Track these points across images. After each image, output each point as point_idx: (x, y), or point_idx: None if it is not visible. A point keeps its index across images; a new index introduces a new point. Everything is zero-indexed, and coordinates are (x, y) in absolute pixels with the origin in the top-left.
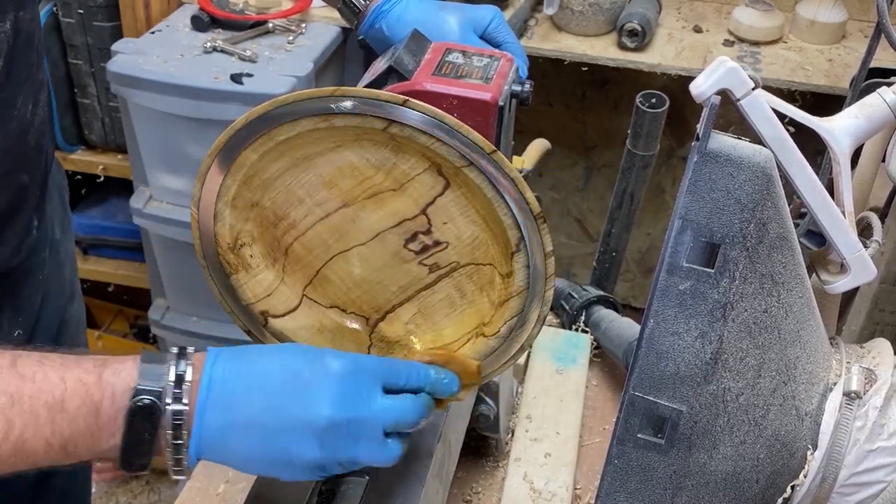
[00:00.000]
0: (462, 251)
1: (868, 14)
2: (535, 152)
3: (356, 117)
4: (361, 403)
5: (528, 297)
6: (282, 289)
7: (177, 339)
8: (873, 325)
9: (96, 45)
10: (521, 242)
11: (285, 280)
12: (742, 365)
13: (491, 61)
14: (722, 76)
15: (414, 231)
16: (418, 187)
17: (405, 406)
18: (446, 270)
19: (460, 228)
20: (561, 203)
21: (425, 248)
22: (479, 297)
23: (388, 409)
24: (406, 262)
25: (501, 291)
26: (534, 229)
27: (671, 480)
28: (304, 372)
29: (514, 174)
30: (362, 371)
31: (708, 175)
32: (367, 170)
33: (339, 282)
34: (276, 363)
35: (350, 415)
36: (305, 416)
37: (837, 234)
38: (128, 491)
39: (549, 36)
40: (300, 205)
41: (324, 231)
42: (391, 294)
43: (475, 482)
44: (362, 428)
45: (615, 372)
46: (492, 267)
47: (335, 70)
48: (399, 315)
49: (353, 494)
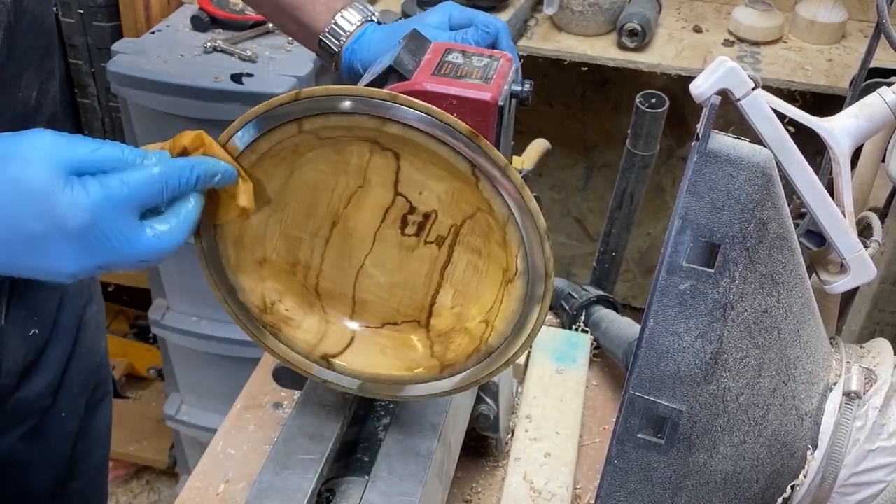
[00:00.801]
0: (450, 210)
1: (868, 14)
2: (535, 152)
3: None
4: (111, 252)
5: (515, 224)
6: (330, 328)
7: (177, 338)
8: (873, 325)
9: (96, 45)
10: (474, 169)
11: (329, 319)
12: (742, 365)
13: (491, 61)
14: (722, 76)
15: (401, 215)
16: (377, 171)
17: (164, 238)
18: (451, 238)
19: (434, 189)
20: (561, 203)
21: (420, 225)
22: (490, 246)
23: (146, 247)
24: (414, 249)
25: (497, 230)
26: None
27: (671, 480)
28: (36, 226)
29: (437, 112)
30: (105, 215)
31: (708, 175)
32: (328, 180)
33: (374, 297)
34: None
35: (97, 263)
36: (46, 267)
37: (837, 234)
38: (128, 491)
39: (549, 36)
40: (301, 244)
41: (334, 257)
42: (422, 287)
43: (475, 482)
44: (120, 263)
45: (615, 372)
46: (480, 211)
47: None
48: (441, 304)
49: (353, 494)
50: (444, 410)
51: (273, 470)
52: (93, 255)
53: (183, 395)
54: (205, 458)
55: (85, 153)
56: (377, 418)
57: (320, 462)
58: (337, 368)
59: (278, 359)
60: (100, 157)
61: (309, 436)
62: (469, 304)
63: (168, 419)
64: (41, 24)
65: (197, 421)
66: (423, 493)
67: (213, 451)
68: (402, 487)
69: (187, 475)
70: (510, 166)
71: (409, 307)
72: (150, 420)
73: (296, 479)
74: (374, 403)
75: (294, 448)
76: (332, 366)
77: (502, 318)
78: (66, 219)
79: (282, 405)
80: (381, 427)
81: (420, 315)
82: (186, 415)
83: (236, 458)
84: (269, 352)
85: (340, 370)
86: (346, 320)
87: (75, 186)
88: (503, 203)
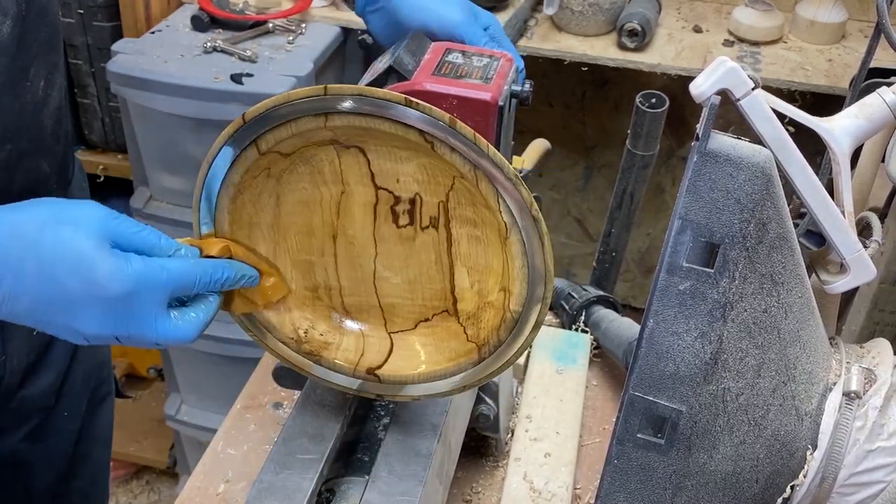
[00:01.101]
0: (431, 189)
1: (868, 14)
2: (535, 152)
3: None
4: (135, 326)
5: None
6: (369, 342)
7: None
8: (873, 325)
9: (96, 45)
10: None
11: (365, 332)
12: (742, 365)
13: (491, 61)
14: (722, 76)
15: (390, 208)
16: (351, 172)
17: (183, 328)
18: (443, 216)
19: (408, 173)
20: (561, 203)
21: (410, 213)
22: (480, 212)
23: (166, 332)
24: (415, 239)
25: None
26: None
27: (671, 480)
28: (74, 286)
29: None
30: (142, 292)
31: (708, 175)
32: (312, 194)
33: (398, 300)
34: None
35: (117, 333)
36: (70, 326)
37: (837, 234)
38: (128, 491)
39: (549, 36)
40: (313, 266)
41: (347, 270)
42: (437, 275)
43: (475, 482)
44: (136, 339)
45: (615, 372)
46: (456, 178)
47: (335, 70)
48: (461, 286)
49: (353, 494)
50: (444, 410)
51: (273, 470)
52: (117, 325)
53: (183, 395)
54: (205, 458)
55: (129, 232)
56: (377, 418)
57: (320, 462)
58: (385, 380)
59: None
60: (140, 238)
61: (309, 436)
62: (485, 277)
63: (168, 419)
64: (47, 15)
65: (197, 421)
66: (423, 493)
67: (213, 451)
68: (402, 487)
69: (187, 475)
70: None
71: (432, 299)
72: (150, 420)
73: (296, 479)
74: (374, 403)
75: (294, 448)
76: (380, 378)
77: (514, 279)
78: (105, 287)
79: (282, 405)
80: (381, 427)
81: (446, 304)
82: (186, 415)
83: (236, 458)
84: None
85: (388, 381)
86: (381, 330)
87: (119, 258)
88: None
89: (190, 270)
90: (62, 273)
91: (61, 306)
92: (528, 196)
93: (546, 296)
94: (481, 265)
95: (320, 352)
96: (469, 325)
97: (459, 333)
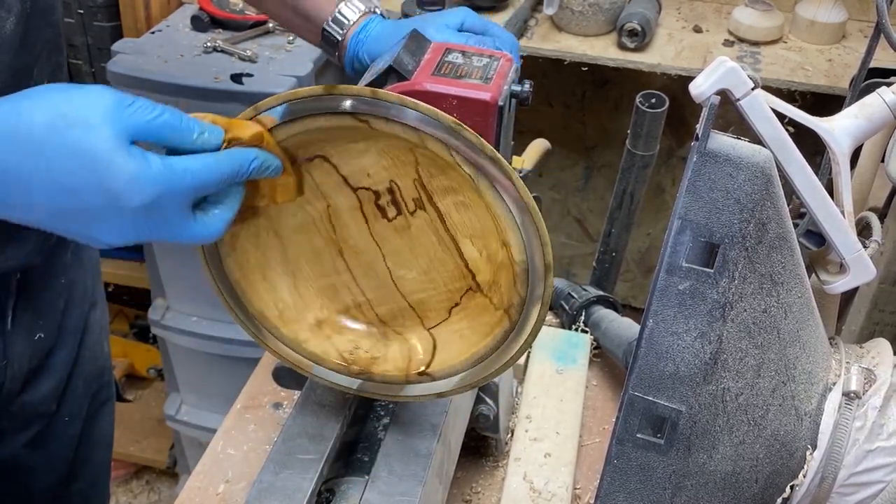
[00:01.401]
0: (401, 172)
1: (868, 14)
2: (535, 152)
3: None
4: (157, 232)
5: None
6: (413, 345)
7: (177, 338)
8: (873, 325)
9: (96, 45)
10: (370, 120)
11: (408, 336)
12: (741, 365)
13: (491, 61)
14: (722, 76)
15: (374, 205)
16: (325, 181)
17: (209, 225)
18: (423, 194)
19: (372, 164)
20: (561, 203)
21: (394, 202)
22: (452, 175)
23: (192, 233)
24: (409, 226)
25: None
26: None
27: (670, 480)
28: (90, 199)
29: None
30: (164, 199)
31: (707, 175)
32: (303, 216)
33: (424, 294)
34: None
35: (140, 238)
36: (88, 235)
37: (837, 234)
38: (128, 491)
39: (549, 36)
40: (336, 288)
41: (366, 281)
42: (445, 255)
43: (475, 482)
44: (160, 240)
45: (615, 372)
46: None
47: (335, 70)
48: (472, 258)
49: (353, 494)
50: (444, 410)
51: (273, 470)
52: (139, 232)
53: (183, 395)
54: (205, 458)
55: (145, 120)
56: (377, 418)
57: (320, 462)
58: (437, 377)
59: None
60: (158, 126)
61: (309, 436)
62: (487, 240)
63: (168, 419)
64: (52, 14)
65: (197, 421)
66: (423, 493)
67: (213, 451)
68: (402, 487)
69: (187, 475)
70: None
71: (453, 281)
72: (150, 420)
73: (296, 479)
74: (374, 403)
75: (294, 448)
76: (433, 376)
77: (505, 228)
78: (126, 197)
79: (282, 405)
80: (381, 427)
81: (467, 281)
82: (186, 415)
83: (236, 458)
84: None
85: (440, 376)
86: (421, 329)
87: (137, 161)
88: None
89: (216, 169)
90: (76, 185)
91: (78, 218)
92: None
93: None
94: (479, 229)
95: (370, 368)
96: (493, 293)
97: (487, 305)
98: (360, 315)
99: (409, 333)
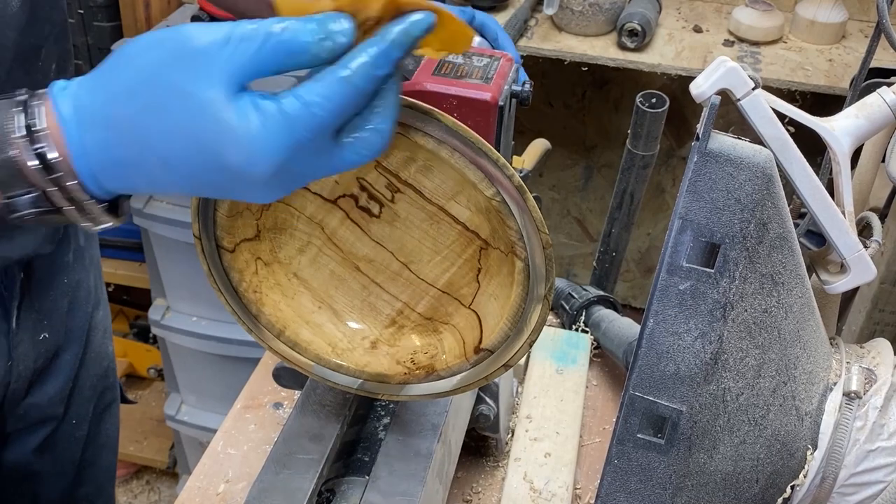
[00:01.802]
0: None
1: (868, 14)
2: (535, 152)
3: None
4: (308, 177)
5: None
6: (462, 328)
7: (177, 338)
8: (873, 325)
9: (96, 45)
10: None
11: (455, 322)
12: (742, 365)
13: (491, 61)
14: (722, 76)
15: (358, 209)
16: (306, 207)
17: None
18: (390, 177)
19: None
20: (561, 203)
21: (374, 198)
22: (401, 144)
23: (350, 160)
24: (397, 214)
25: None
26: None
27: (671, 480)
28: (217, 179)
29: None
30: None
31: (708, 175)
32: (308, 249)
33: (448, 273)
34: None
35: (289, 190)
36: (231, 198)
37: (837, 234)
38: (128, 491)
39: (549, 36)
40: (374, 303)
41: (393, 286)
42: (442, 227)
43: (475, 482)
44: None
45: (615, 372)
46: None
47: None
48: (465, 218)
49: (353, 494)
50: (444, 410)
51: (273, 470)
52: (285, 187)
53: (183, 395)
54: (205, 458)
55: (249, 53)
56: (377, 418)
57: (320, 462)
58: (494, 349)
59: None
60: (268, 53)
61: (309, 436)
62: (466, 192)
63: (168, 419)
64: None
65: (197, 421)
66: (423, 493)
67: (213, 450)
68: (402, 487)
69: (187, 475)
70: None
71: (464, 249)
72: (150, 420)
73: (296, 478)
74: (374, 403)
75: (294, 448)
76: (492, 350)
77: (462, 168)
78: (249, 173)
79: (282, 405)
80: (382, 427)
81: (474, 241)
82: (186, 415)
83: (236, 458)
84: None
85: (495, 347)
86: (463, 309)
87: (251, 121)
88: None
89: (355, 87)
90: (192, 170)
91: (212, 191)
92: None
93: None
94: (453, 186)
95: (434, 366)
96: (499, 242)
97: (500, 256)
98: (406, 321)
99: (455, 319)
